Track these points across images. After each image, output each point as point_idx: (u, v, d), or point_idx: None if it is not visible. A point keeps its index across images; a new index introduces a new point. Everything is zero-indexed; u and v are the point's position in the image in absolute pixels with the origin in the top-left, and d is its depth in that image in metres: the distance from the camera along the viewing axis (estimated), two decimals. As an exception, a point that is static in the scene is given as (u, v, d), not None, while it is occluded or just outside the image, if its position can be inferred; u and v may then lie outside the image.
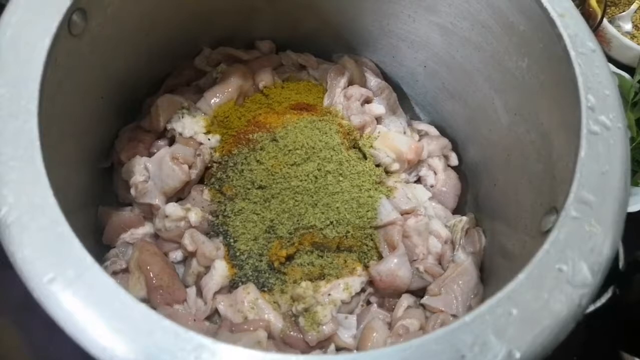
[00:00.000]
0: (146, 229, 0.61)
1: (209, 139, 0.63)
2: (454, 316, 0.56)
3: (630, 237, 0.44)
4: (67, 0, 0.43)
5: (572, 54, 0.44)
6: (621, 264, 0.43)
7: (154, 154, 0.62)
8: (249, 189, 0.60)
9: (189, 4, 0.61)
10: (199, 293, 0.57)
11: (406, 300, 0.58)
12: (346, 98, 0.67)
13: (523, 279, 0.36)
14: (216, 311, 0.56)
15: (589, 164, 0.40)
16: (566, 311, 0.35)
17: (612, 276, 0.39)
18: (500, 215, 0.61)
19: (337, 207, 0.58)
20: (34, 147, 0.35)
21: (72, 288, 0.32)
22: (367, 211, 0.60)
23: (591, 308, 0.39)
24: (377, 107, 0.69)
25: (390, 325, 0.57)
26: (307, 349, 0.54)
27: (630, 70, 0.84)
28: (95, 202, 0.60)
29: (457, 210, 0.69)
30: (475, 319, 0.34)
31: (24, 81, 0.37)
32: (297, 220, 0.58)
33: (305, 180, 0.59)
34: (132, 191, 0.60)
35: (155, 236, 0.61)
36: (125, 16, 0.53)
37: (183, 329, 0.31)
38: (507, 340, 0.34)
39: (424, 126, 0.72)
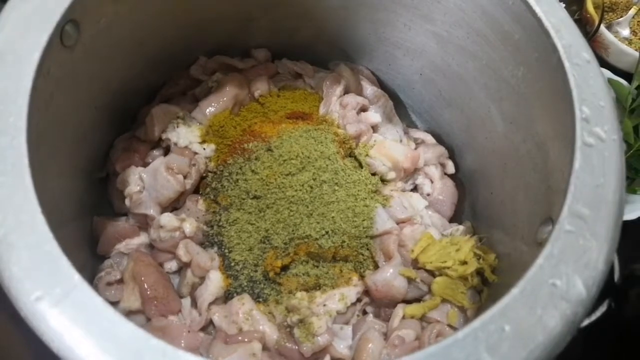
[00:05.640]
0: (141, 239, 0.61)
1: (204, 149, 0.63)
2: (450, 326, 0.56)
3: (625, 247, 0.43)
4: (59, 12, 0.43)
5: (567, 64, 0.44)
6: (616, 276, 0.42)
7: (149, 164, 0.62)
8: (243, 199, 0.59)
9: (183, 13, 0.61)
10: (194, 304, 0.57)
11: (402, 310, 0.58)
12: (342, 107, 0.67)
13: (516, 294, 0.35)
14: (211, 322, 0.55)
15: (584, 176, 0.40)
16: (560, 327, 0.35)
17: (607, 289, 0.38)
18: (497, 223, 0.61)
19: (333, 217, 0.58)
20: (22, 164, 0.34)
21: (60, 307, 0.31)
22: (363, 220, 0.59)
23: (586, 322, 0.39)
24: (373, 116, 0.68)
25: (386, 336, 0.57)
26: (303, 360, 0.53)
27: (628, 76, 0.84)
28: (90, 212, 0.60)
29: (454, 219, 0.68)
30: (468, 336, 0.34)
31: (13, 97, 0.36)
32: (292, 230, 0.57)
33: (301, 190, 0.58)
34: (127, 201, 0.59)
35: (151, 246, 0.60)
36: (118, 27, 0.53)
37: (171, 347, 0.31)
38: (500, 357, 0.33)
39: (420, 134, 0.72)
